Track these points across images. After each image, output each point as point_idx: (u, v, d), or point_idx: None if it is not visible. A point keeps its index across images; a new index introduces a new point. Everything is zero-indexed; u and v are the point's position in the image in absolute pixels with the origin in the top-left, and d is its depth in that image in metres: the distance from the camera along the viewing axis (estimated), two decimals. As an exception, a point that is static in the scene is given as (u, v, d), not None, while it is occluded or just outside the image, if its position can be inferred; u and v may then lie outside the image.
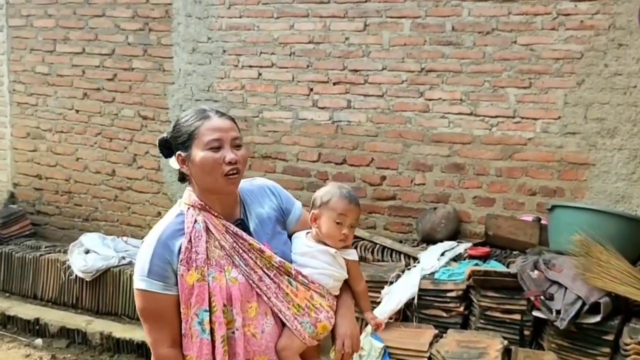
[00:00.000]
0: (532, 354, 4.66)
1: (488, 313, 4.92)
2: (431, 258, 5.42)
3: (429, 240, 5.93)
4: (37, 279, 6.84)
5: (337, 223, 2.75)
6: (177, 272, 2.52)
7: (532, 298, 4.72)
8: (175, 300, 2.53)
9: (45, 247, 7.20)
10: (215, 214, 2.61)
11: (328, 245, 2.77)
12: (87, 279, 6.49)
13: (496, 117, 5.88)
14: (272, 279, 2.62)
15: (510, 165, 5.87)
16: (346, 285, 2.85)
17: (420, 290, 5.09)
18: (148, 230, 2.66)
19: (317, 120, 6.59)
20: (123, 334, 6.00)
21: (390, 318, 5.06)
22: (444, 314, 5.09)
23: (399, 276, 5.27)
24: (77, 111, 7.75)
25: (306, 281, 2.69)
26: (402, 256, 5.76)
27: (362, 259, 5.69)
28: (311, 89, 6.59)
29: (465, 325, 5.10)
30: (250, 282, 2.58)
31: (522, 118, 5.80)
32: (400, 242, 6.03)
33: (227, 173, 2.53)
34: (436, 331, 4.96)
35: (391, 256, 5.81)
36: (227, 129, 2.58)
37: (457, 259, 5.52)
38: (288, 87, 6.69)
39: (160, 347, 2.58)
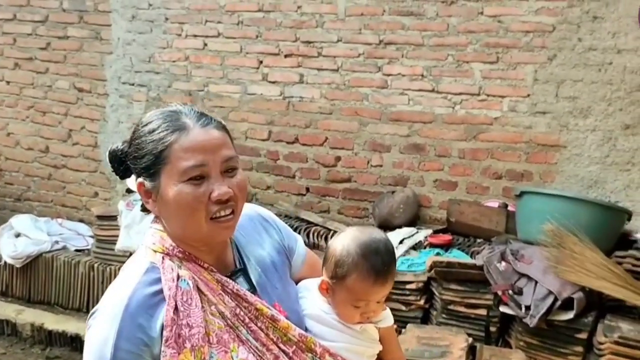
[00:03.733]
0: (498, 352, 4.48)
1: (451, 307, 4.73)
2: (389, 246, 5.10)
3: (386, 226, 5.62)
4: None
5: (357, 307, 2.04)
6: (159, 359, 1.71)
7: (500, 292, 4.54)
8: None
9: (-28, 229, 6.78)
10: (205, 265, 1.84)
11: None
12: (17, 265, 6.15)
13: (460, 94, 5.58)
14: (291, 358, 1.88)
15: (475, 147, 5.60)
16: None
17: (377, 281, 4.78)
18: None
19: (267, 96, 6.24)
20: (56, 325, 5.68)
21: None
22: (403, 308, 4.88)
23: (354, 266, 4.94)
24: (8, 82, 7.33)
25: None
26: (357, 244, 5.40)
27: (314, 245, 5.50)
28: (261, 62, 6.23)
29: (426, 319, 4.93)
30: None
31: (488, 96, 5.50)
32: (356, 228, 5.68)
33: (216, 216, 1.77)
34: (395, 326, 4.64)
35: (346, 243, 5.45)
36: (216, 146, 1.78)
37: (416, 247, 5.30)
38: (236, 59, 6.32)
39: None
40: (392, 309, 4.53)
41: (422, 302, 4.83)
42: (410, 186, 5.82)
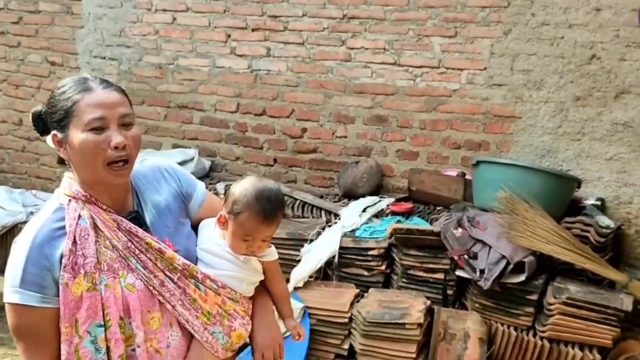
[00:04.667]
0: (455, 314, 4.65)
1: (410, 272, 4.88)
2: (352, 214, 5.31)
3: (350, 195, 5.80)
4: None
5: (245, 240, 2.37)
6: (58, 281, 2.09)
7: (456, 257, 4.69)
8: (56, 314, 2.10)
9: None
10: (104, 207, 2.20)
11: None
12: (-7, 236, 6.18)
13: (420, 67, 5.73)
14: (176, 284, 2.25)
15: (435, 118, 5.74)
16: (262, 285, 2.54)
17: (341, 248, 5.00)
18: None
19: (235, 69, 6.35)
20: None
21: (310, 277, 4.97)
22: (366, 273, 5.02)
23: (319, 234, 5.17)
24: (-19, 56, 7.34)
25: (215, 286, 2.33)
26: (322, 212, 5.61)
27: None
28: (229, 36, 6.33)
29: (387, 284, 5.06)
30: (151, 288, 2.21)
31: (447, 69, 5.65)
32: (322, 197, 5.87)
33: (112, 160, 2.11)
34: (357, 290, 4.92)
35: (312, 212, 5.67)
36: (114, 104, 2.13)
37: (379, 215, 5.43)
38: (204, 33, 6.41)
39: None
40: (355, 275, 4.83)
41: (383, 267, 4.96)
42: (374, 156, 5.97)
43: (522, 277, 4.48)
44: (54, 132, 2.16)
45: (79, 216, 2.16)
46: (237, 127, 6.43)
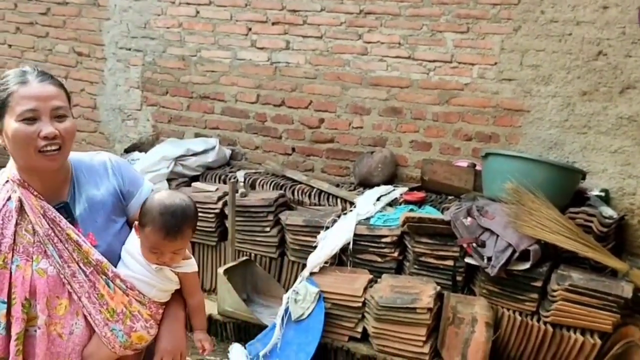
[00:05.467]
0: (463, 299, 4.75)
1: (422, 259, 5.00)
2: (367, 203, 5.46)
3: (365, 184, 5.95)
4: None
5: (153, 252, 2.41)
6: None
7: (465, 245, 4.81)
8: None
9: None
10: (35, 193, 2.30)
11: None
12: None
13: (434, 61, 5.87)
14: (87, 277, 2.32)
15: (447, 110, 5.88)
16: (179, 294, 2.59)
17: (355, 235, 5.13)
18: None
19: (255, 61, 6.52)
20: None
21: (326, 262, 5.11)
22: (379, 259, 5.16)
23: (335, 221, 5.31)
24: (10, 46, 7.59)
25: (124, 286, 2.39)
26: (338, 200, 5.78)
27: (299, 202, 5.83)
28: (250, 29, 6.50)
29: (399, 270, 5.18)
30: (62, 276, 2.29)
31: (460, 63, 5.78)
32: (337, 185, 6.04)
33: (42, 149, 2.19)
34: (371, 276, 5.04)
35: (328, 200, 5.83)
36: (48, 97, 2.22)
37: (392, 203, 5.55)
38: (226, 26, 6.58)
39: None
40: (368, 261, 5.03)
41: (396, 254, 5.10)
42: (388, 147, 6.11)
43: (527, 265, 4.58)
44: None
45: (9, 198, 2.31)
46: (256, 117, 6.59)
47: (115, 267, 2.41)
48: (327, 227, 5.26)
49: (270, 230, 5.54)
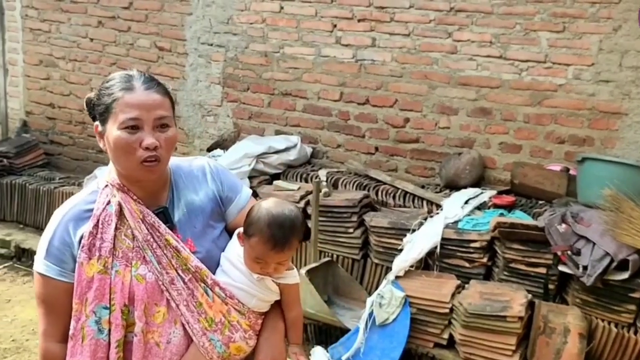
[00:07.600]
0: (555, 308, 4.64)
1: (512, 265, 4.89)
2: (455, 206, 5.36)
3: (452, 186, 5.85)
4: (52, 211, 6.68)
5: (257, 262, 2.33)
6: (76, 258, 2.22)
7: (559, 252, 4.69)
8: (72, 289, 2.22)
9: (59, 179, 7.17)
10: (134, 197, 2.27)
11: None
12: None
13: (526, 61, 5.72)
14: (186, 284, 2.27)
15: (539, 112, 5.73)
16: (278, 305, 2.49)
17: (442, 239, 5.05)
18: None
19: (340, 58, 6.44)
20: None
21: (411, 266, 5.03)
22: (467, 264, 5.06)
23: (421, 224, 5.21)
24: (92, 39, 7.65)
25: (223, 294, 2.32)
26: (424, 202, 5.67)
27: (383, 203, 5.74)
28: (334, 25, 6.42)
29: (487, 276, 5.09)
30: (160, 283, 2.25)
31: (554, 63, 5.62)
32: (422, 187, 5.94)
33: (144, 160, 2.15)
34: (459, 282, 4.95)
35: (413, 202, 5.73)
36: (152, 106, 2.16)
37: (481, 207, 5.45)
38: (310, 23, 6.51)
39: (49, 340, 2.29)
40: (456, 265, 4.89)
41: (485, 259, 5.00)
42: (476, 148, 5.98)
43: (625, 275, 4.44)
44: (96, 123, 2.25)
45: (108, 202, 2.26)
46: (339, 115, 6.52)
47: (214, 274, 2.36)
48: (413, 230, 5.17)
49: (353, 231, 5.46)
